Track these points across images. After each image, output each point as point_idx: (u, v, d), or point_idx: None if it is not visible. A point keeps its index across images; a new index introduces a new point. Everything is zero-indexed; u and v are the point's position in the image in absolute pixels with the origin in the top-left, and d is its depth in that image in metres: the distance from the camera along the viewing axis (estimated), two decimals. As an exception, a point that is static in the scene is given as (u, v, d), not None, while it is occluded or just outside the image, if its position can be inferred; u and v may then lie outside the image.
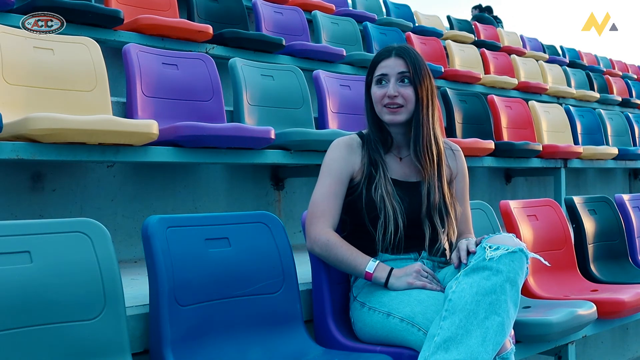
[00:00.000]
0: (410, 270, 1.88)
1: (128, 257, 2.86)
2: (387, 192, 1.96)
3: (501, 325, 1.66)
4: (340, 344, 1.94)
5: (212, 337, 1.75)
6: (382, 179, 1.98)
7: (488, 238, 1.79)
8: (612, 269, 3.05)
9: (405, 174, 2.05)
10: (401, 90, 1.99)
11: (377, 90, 2.02)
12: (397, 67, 2.00)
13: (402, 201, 1.96)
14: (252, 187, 3.41)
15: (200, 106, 3.18)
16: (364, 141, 2.07)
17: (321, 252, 1.96)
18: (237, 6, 4.75)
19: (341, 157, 2.03)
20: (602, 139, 5.59)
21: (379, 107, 2.02)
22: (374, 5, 7.05)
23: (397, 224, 1.94)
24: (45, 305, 1.50)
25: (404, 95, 1.99)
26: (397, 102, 1.99)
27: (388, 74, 2.01)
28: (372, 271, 1.89)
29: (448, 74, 5.56)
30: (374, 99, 2.04)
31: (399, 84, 2.00)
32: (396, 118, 2.00)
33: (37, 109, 2.50)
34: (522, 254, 1.74)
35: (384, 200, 1.95)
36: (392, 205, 1.94)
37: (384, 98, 2.00)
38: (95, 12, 3.53)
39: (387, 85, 2.00)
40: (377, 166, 2.01)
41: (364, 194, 1.98)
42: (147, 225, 1.74)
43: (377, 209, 1.95)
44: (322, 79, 3.72)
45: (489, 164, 4.18)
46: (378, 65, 2.04)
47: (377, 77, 2.03)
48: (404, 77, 2.00)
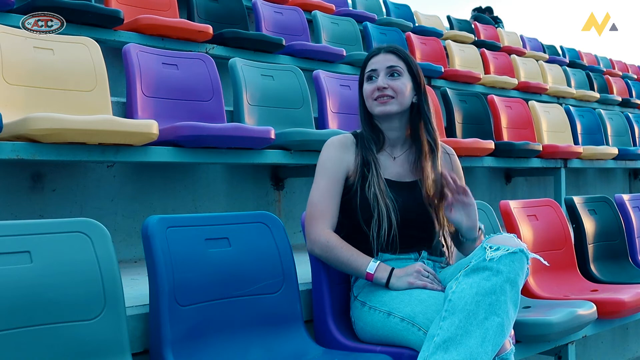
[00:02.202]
0: (411, 270, 1.88)
1: (128, 257, 2.86)
2: (380, 190, 1.96)
3: (501, 325, 1.66)
4: (340, 344, 1.94)
5: (212, 337, 1.75)
6: (375, 177, 1.99)
7: (488, 238, 1.79)
8: (612, 269, 3.05)
9: (399, 173, 2.06)
10: (390, 82, 2.03)
11: (367, 86, 2.06)
12: (385, 62, 2.05)
13: (396, 200, 1.96)
14: (252, 187, 3.41)
15: (200, 106, 3.18)
16: (358, 140, 2.08)
17: (321, 254, 1.96)
18: (237, 6, 4.75)
19: (335, 157, 2.04)
20: (602, 139, 5.58)
21: (370, 102, 2.05)
22: (374, 5, 7.05)
23: (391, 222, 1.94)
24: (45, 305, 1.50)
25: (393, 87, 2.02)
26: (387, 93, 2.02)
27: (377, 69, 2.05)
28: (373, 272, 1.89)
29: (448, 74, 5.56)
30: (365, 94, 2.07)
31: (388, 77, 2.04)
32: (386, 109, 2.02)
33: (37, 109, 2.50)
34: (522, 254, 1.73)
35: (377, 198, 1.95)
36: (385, 203, 1.94)
37: (374, 92, 2.03)
38: (95, 12, 3.53)
39: (377, 80, 2.04)
40: (370, 165, 2.01)
41: (359, 194, 1.98)
42: (147, 225, 1.74)
43: (370, 208, 1.95)
44: (322, 79, 3.72)
45: (489, 164, 4.18)
46: (368, 63, 2.08)
47: (367, 74, 2.07)
48: (393, 71, 2.04)
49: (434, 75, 5.43)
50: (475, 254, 1.75)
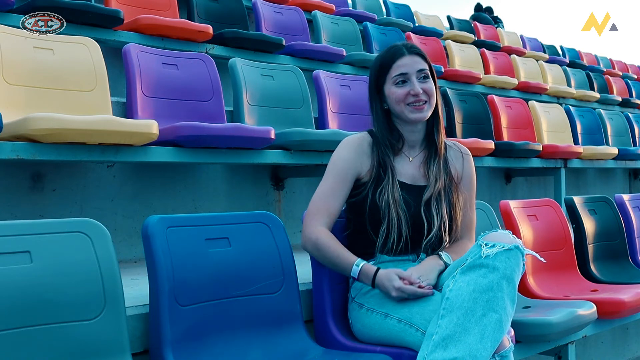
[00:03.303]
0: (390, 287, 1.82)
1: (128, 257, 2.86)
2: (393, 199, 1.93)
3: (499, 322, 1.66)
4: (340, 344, 1.94)
5: (212, 337, 1.75)
6: (390, 184, 1.96)
7: (484, 235, 1.79)
8: (612, 269, 3.05)
9: (414, 176, 2.03)
10: (423, 86, 1.99)
11: (398, 90, 1.99)
12: (415, 65, 2.00)
13: (408, 207, 1.94)
14: (252, 187, 3.41)
15: (200, 106, 3.18)
16: (374, 140, 2.05)
17: (312, 251, 1.97)
18: (237, 6, 4.75)
19: (349, 157, 2.00)
20: (602, 139, 5.58)
21: (402, 106, 1.99)
22: (374, 5, 7.05)
23: (401, 232, 1.93)
24: (45, 305, 1.50)
25: (427, 91, 2.00)
26: (422, 99, 1.99)
27: (408, 72, 1.99)
28: (357, 277, 1.89)
29: (448, 74, 5.57)
30: (394, 98, 2.00)
31: (420, 80, 2.00)
32: (422, 115, 2.00)
33: (37, 109, 2.50)
34: (517, 250, 1.74)
35: (389, 206, 1.92)
36: (397, 214, 1.92)
37: (407, 97, 1.98)
38: (95, 12, 3.53)
39: (409, 83, 1.99)
40: (387, 169, 1.98)
41: (369, 197, 1.96)
42: (147, 225, 1.74)
43: (380, 214, 1.93)
44: (322, 79, 3.72)
45: (489, 164, 4.18)
46: (394, 65, 2.01)
47: (396, 77, 2.00)
48: (424, 74, 2.01)
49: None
50: (471, 252, 1.75)
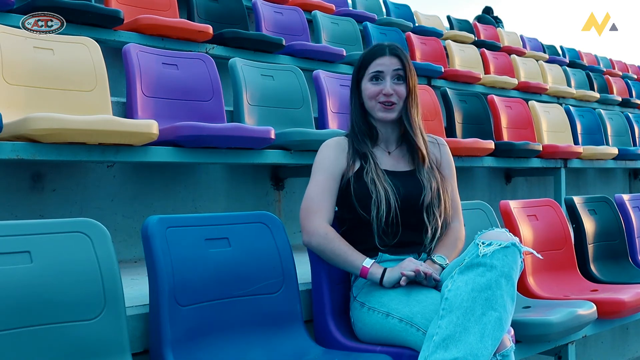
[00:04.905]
0: (402, 263, 1.90)
1: (128, 257, 2.87)
2: (377, 175, 2.00)
3: (499, 320, 1.66)
4: (340, 344, 1.94)
5: (212, 337, 1.75)
6: (372, 166, 2.03)
7: (481, 234, 1.79)
8: (612, 269, 3.05)
9: (395, 165, 2.10)
10: (396, 88, 2.06)
11: (372, 87, 2.07)
12: (392, 65, 2.06)
13: (395, 186, 2.00)
14: (252, 187, 3.41)
15: (200, 106, 3.18)
16: (351, 140, 2.11)
17: (318, 246, 1.97)
18: (237, 6, 4.75)
19: (333, 156, 2.07)
20: (602, 139, 5.58)
21: (372, 102, 2.07)
22: (374, 5, 7.05)
23: (390, 205, 1.96)
24: (45, 305, 1.50)
25: (398, 93, 2.06)
26: (391, 100, 2.05)
27: (384, 72, 2.06)
28: (369, 266, 1.91)
29: (448, 74, 5.56)
30: (367, 94, 2.08)
31: (393, 81, 2.05)
32: (389, 116, 2.07)
33: (37, 109, 2.50)
34: (515, 248, 1.74)
35: (374, 182, 1.98)
36: (384, 187, 1.98)
37: (379, 95, 2.06)
38: (95, 12, 3.53)
39: (383, 82, 2.06)
40: (367, 157, 2.05)
41: (355, 182, 2.02)
42: (147, 225, 1.74)
43: (369, 192, 1.97)
44: (322, 79, 3.72)
45: (489, 164, 4.18)
46: (373, 62, 2.08)
47: (372, 74, 2.07)
48: (398, 75, 2.06)
49: (434, 75, 5.43)
50: (469, 251, 1.76)
